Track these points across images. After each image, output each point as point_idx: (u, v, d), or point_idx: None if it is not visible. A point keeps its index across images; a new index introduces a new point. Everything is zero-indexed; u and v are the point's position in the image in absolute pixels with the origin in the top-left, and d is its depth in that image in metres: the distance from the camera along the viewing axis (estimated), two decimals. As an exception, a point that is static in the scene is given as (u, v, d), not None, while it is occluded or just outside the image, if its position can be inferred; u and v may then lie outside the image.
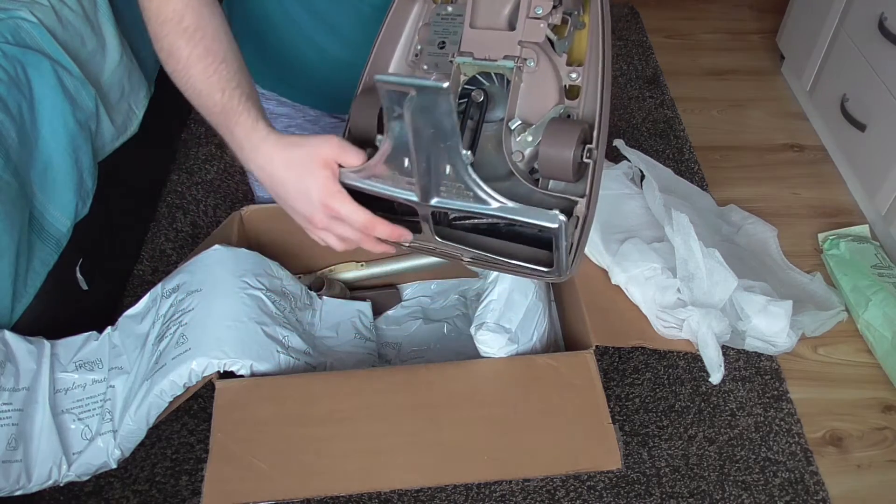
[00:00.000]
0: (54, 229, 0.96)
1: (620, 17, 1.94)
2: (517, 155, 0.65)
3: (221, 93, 0.63)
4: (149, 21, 0.64)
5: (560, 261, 0.61)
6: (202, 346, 0.69)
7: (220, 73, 0.63)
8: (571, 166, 0.59)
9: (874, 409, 1.09)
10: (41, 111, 0.94)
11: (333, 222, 0.63)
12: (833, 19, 1.45)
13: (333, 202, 0.61)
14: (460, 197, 0.59)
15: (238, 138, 0.63)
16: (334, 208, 0.61)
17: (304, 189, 0.62)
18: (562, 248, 0.59)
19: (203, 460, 0.98)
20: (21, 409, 0.73)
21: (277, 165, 0.62)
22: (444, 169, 0.58)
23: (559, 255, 0.60)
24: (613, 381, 1.09)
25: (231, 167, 1.44)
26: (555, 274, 0.63)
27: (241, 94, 0.63)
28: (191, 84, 0.64)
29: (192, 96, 0.65)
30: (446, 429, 0.68)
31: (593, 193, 0.61)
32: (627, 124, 1.59)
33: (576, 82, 0.63)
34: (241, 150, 0.64)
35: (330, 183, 0.61)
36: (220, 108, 0.63)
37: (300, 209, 0.64)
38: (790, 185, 1.46)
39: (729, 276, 0.78)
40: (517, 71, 0.63)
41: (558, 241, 0.59)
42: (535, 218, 0.58)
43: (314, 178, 0.61)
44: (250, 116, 0.63)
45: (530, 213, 0.58)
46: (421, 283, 1.07)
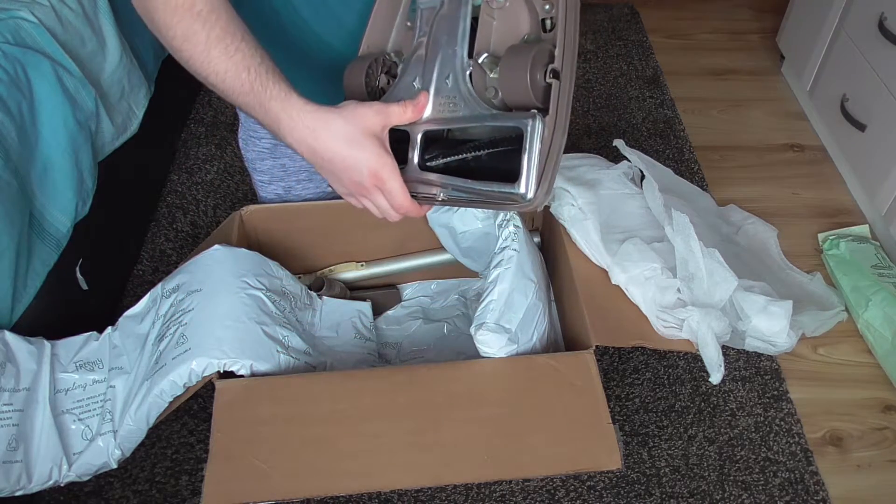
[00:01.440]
0: (54, 229, 0.96)
1: (620, 17, 1.94)
2: (490, 91, 0.66)
3: (247, 71, 0.62)
4: (155, 10, 0.61)
5: (527, 168, 0.61)
6: (202, 346, 0.69)
7: (243, 50, 0.62)
8: (529, 86, 0.60)
9: (874, 409, 1.09)
10: (41, 111, 0.94)
11: (376, 192, 0.65)
12: (833, 19, 1.45)
13: (383, 173, 0.63)
14: (452, 110, 0.65)
15: (274, 113, 0.62)
16: (382, 178, 0.63)
17: (353, 161, 0.63)
18: (533, 153, 0.60)
19: (203, 460, 0.98)
20: (21, 410, 0.73)
21: (322, 137, 0.62)
22: (446, 79, 0.66)
23: (527, 161, 0.61)
24: (613, 381, 1.09)
25: (231, 167, 1.44)
26: (520, 190, 0.62)
27: (268, 70, 0.62)
28: (212, 68, 0.62)
29: (216, 81, 0.63)
30: (446, 429, 0.68)
31: (558, 116, 0.61)
32: (627, 124, 1.59)
33: (550, 14, 0.64)
34: (279, 124, 0.63)
35: (381, 154, 0.63)
36: (249, 86, 0.62)
37: (347, 179, 0.64)
38: (790, 185, 1.46)
39: (729, 276, 0.78)
40: (485, 7, 0.66)
41: (530, 142, 0.60)
42: (511, 120, 0.62)
43: (363, 149, 0.62)
44: (282, 89, 0.62)
45: (508, 118, 0.63)
46: (421, 283, 1.07)
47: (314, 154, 0.64)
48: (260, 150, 0.94)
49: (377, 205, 0.67)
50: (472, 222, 0.86)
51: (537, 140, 0.60)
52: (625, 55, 1.80)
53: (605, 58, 1.79)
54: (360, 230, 0.97)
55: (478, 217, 0.85)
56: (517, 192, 0.62)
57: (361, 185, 0.65)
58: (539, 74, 0.60)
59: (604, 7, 1.96)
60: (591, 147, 1.53)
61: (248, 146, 0.95)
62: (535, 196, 0.62)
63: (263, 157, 0.94)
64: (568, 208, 0.86)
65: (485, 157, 0.67)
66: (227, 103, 1.59)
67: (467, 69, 0.66)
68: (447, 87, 0.67)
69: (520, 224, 0.80)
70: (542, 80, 0.61)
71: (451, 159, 0.68)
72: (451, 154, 0.68)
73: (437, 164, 0.69)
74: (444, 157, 0.68)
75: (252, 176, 0.98)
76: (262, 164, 0.95)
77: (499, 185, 0.63)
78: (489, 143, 0.67)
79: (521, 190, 0.62)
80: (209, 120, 1.56)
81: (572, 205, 0.86)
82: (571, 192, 0.86)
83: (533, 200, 0.62)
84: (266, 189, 0.97)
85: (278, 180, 0.96)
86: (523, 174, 0.61)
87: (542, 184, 0.62)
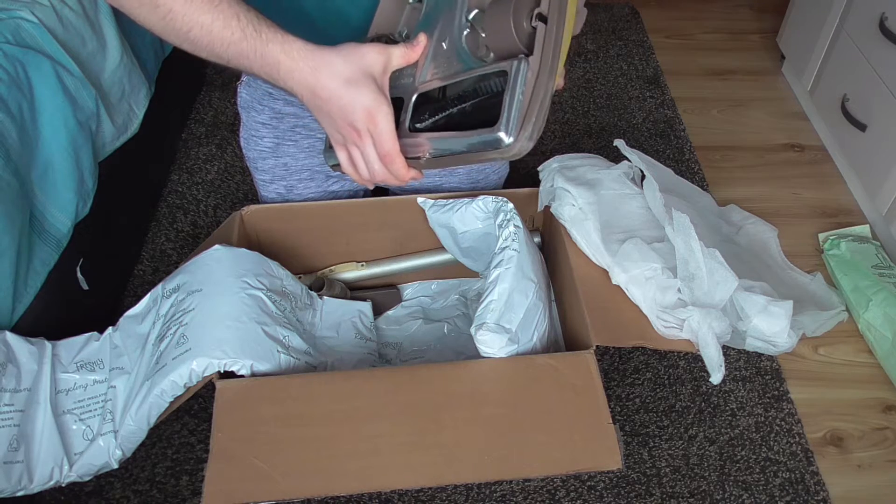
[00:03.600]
0: (55, 229, 0.96)
1: (621, 16, 1.94)
2: (482, 49, 0.65)
3: (237, 18, 0.60)
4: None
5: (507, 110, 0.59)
6: (202, 346, 0.69)
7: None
8: (513, 30, 0.59)
9: (875, 409, 1.09)
10: (42, 111, 0.94)
11: (367, 138, 0.64)
12: (834, 19, 1.45)
13: (379, 115, 0.63)
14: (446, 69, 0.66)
15: (273, 56, 0.61)
16: (376, 120, 0.63)
17: (349, 99, 0.62)
18: (515, 95, 0.59)
19: (203, 460, 0.98)
20: (22, 410, 0.73)
21: (322, 76, 0.62)
22: (443, 42, 0.66)
23: (508, 102, 0.59)
24: (614, 381, 1.09)
25: (232, 167, 1.44)
26: (499, 133, 0.60)
27: (257, 16, 0.61)
28: (197, 22, 0.59)
29: (199, 34, 0.60)
30: (446, 429, 0.68)
31: (544, 58, 0.59)
32: (628, 124, 1.59)
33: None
34: (278, 67, 0.62)
35: (379, 95, 0.63)
36: (241, 33, 0.60)
37: (341, 121, 0.64)
38: (791, 185, 1.46)
39: (729, 276, 0.78)
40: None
41: (511, 85, 0.59)
42: (497, 66, 0.61)
43: (361, 89, 0.62)
44: (278, 31, 0.61)
45: (494, 65, 0.62)
46: (421, 283, 1.07)
47: (313, 94, 0.63)
48: (262, 149, 0.94)
49: (365, 155, 0.66)
50: (472, 222, 0.86)
51: (520, 82, 0.59)
52: (625, 55, 1.80)
53: (605, 58, 1.79)
54: (361, 230, 0.97)
55: (478, 217, 0.85)
56: (496, 135, 0.60)
57: (354, 128, 0.64)
58: (525, 20, 0.59)
59: (604, 7, 1.96)
60: (591, 147, 1.53)
61: (250, 145, 0.95)
62: (516, 139, 0.60)
63: (265, 157, 0.94)
64: (568, 208, 0.86)
65: (470, 110, 0.67)
66: (227, 103, 1.60)
67: (464, 30, 0.66)
68: (443, 49, 0.67)
69: (520, 224, 0.80)
70: (529, 25, 0.60)
71: (439, 116, 0.68)
72: (438, 112, 0.68)
73: (426, 124, 0.68)
74: (432, 116, 0.68)
75: (253, 175, 0.98)
76: (263, 164, 0.95)
77: (479, 132, 0.62)
78: (473, 93, 0.66)
79: (501, 133, 0.60)
80: (209, 120, 1.56)
81: (573, 205, 0.86)
82: (572, 192, 0.86)
83: (513, 145, 0.60)
84: (268, 188, 0.97)
85: (280, 179, 0.96)
86: (502, 116, 0.59)
87: (525, 128, 0.60)
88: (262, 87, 0.90)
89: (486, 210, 0.84)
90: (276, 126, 0.92)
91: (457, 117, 0.68)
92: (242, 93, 0.93)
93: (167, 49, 1.39)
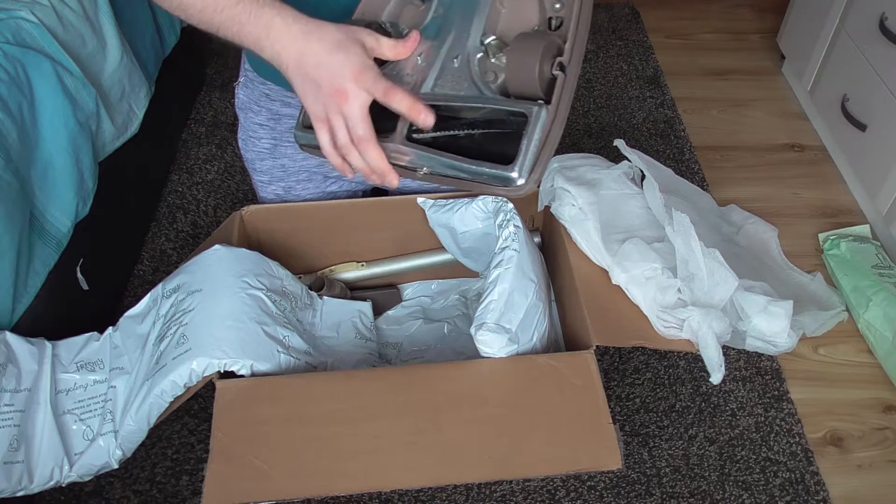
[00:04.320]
0: (55, 229, 0.96)
1: (621, 17, 1.94)
2: (490, 75, 0.66)
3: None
4: None
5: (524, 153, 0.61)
6: (203, 346, 0.69)
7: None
8: (537, 77, 0.60)
9: (875, 409, 1.09)
10: (42, 111, 0.94)
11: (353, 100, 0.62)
12: (834, 19, 1.45)
13: (368, 74, 0.61)
14: (454, 87, 0.66)
15: (266, 17, 0.61)
16: (366, 79, 0.61)
17: (339, 62, 0.61)
18: (533, 139, 0.60)
19: (203, 460, 0.98)
20: (23, 410, 0.73)
21: (312, 41, 0.61)
22: (454, 59, 0.66)
23: (526, 145, 0.61)
24: (614, 381, 1.09)
25: (232, 167, 1.45)
26: (513, 174, 0.61)
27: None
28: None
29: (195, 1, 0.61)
30: (446, 429, 0.68)
31: (559, 109, 0.61)
32: (628, 124, 1.59)
33: (559, 13, 0.64)
34: (269, 29, 0.61)
35: (368, 60, 0.62)
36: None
37: (328, 86, 0.62)
38: (791, 185, 1.46)
39: (729, 276, 0.78)
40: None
41: (532, 129, 0.60)
42: (517, 106, 0.62)
43: (351, 52, 0.61)
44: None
45: (513, 103, 0.63)
46: (421, 283, 1.07)
47: (300, 59, 0.62)
48: (259, 150, 0.94)
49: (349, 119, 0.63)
50: (472, 222, 0.86)
51: (539, 128, 0.61)
52: (625, 55, 1.80)
53: (605, 58, 1.79)
54: (361, 230, 0.97)
55: (478, 217, 0.85)
56: (510, 174, 0.62)
57: (341, 91, 0.62)
58: (547, 66, 0.61)
59: (604, 7, 1.96)
60: (591, 147, 1.53)
61: (248, 146, 0.95)
62: (526, 182, 0.62)
63: (263, 158, 0.94)
64: (568, 208, 0.86)
65: (477, 138, 0.67)
66: (227, 103, 1.60)
67: (478, 52, 0.66)
68: (453, 66, 0.67)
69: (520, 224, 0.80)
70: (549, 71, 0.61)
71: (442, 134, 0.68)
72: (443, 129, 0.68)
73: (426, 137, 0.68)
74: (436, 132, 0.68)
75: (252, 176, 0.98)
76: (261, 165, 0.95)
77: (491, 166, 0.63)
78: (485, 124, 0.67)
79: (515, 174, 0.61)
80: (209, 120, 1.56)
81: (573, 205, 0.86)
82: (572, 192, 0.86)
83: (522, 186, 0.62)
84: (266, 189, 0.97)
85: (278, 180, 0.96)
86: (520, 158, 0.61)
87: (535, 172, 0.62)
88: (260, 89, 0.89)
89: (486, 210, 0.84)
90: (274, 127, 0.91)
91: (463, 141, 0.68)
92: (240, 94, 0.93)
93: (167, 49, 1.39)
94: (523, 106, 0.62)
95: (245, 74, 0.91)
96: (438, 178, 0.68)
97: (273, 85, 0.88)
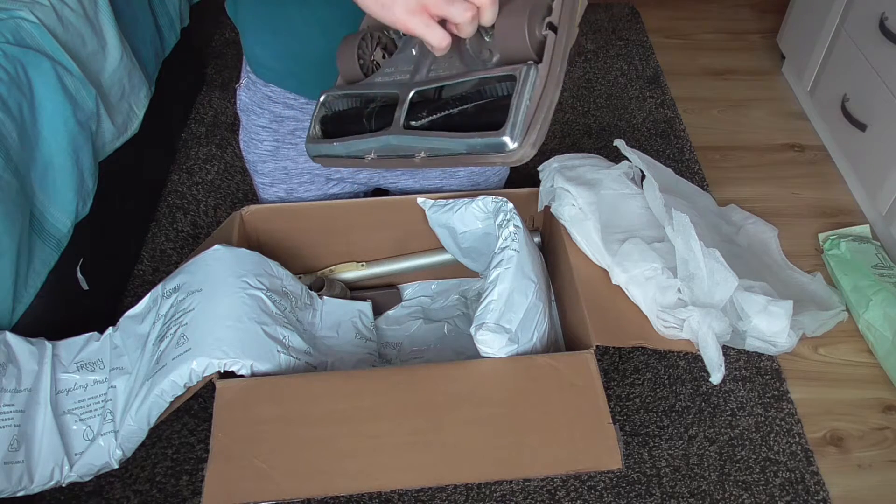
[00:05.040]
0: (55, 229, 0.96)
1: (621, 16, 1.94)
2: (485, 53, 0.65)
3: None
4: None
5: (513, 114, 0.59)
6: (203, 346, 0.69)
7: None
8: (527, 38, 0.58)
9: (875, 409, 1.09)
10: (42, 111, 0.94)
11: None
12: (834, 19, 1.45)
13: None
14: (448, 69, 0.65)
15: None
16: None
17: None
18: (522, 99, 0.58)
19: (203, 460, 0.98)
20: (23, 411, 0.73)
21: None
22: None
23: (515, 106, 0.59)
24: (614, 381, 1.09)
25: (232, 167, 1.45)
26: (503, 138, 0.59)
27: None
28: None
29: None
30: (446, 429, 0.68)
31: (552, 67, 0.59)
32: (628, 124, 1.59)
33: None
34: None
35: None
36: None
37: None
38: (791, 185, 1.46)
39: (729, 276, 0.78)
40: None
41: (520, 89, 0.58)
42: (504, 70, 0.61)
43: None
44: None
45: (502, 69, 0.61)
46: (421, 283, 1.07)
47: None
48: (261, 152, 0.94)
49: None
50: (472, 222, 0.86)
51: (528, 87, 0.59)
52: (625, 55, 1.80)
53: (605, 58, 1.79)
54: (361, 230, 0.97)
55: (478, 217, 0.85)
56: (500, 139, 0.59)
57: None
58: (537, 27, 0.59)
59: (604, 7, 1.96)
60: (591, 147, 1.53)
61: (250, 148, 0.95)
62: (520, 145, 0.59)
63: (265, 160, 0.94)
64: (568, 208, 0.86)
65: (472, 112, 0.66)
66: (227, 103, 1.60)
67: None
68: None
69: (520, 224, 0.80)
70: (539, 32, 0.60)
71: (437, 116, 0.67)
72: (436, 111, 0.67)
73: (422, 123, 0.67)
74: (430, 115, 0.67)
75: (253, 178, 0.98)
76: (263, 167, 0.95)
77: (482, 135, 0.61)
78: (476, 95, 0.66)
79: (506, 137, 0.59)
80: (210, 120, 1.56)
81: (573, 205, 0.86)
82: (572, 192, 0.86)
83: (516, 151, 0.59)
84: (268, 191, 0.97)
85: (280, 182, 0.96)
86: (509, 120, 0.59)
87: (530, 135, 0.59)
88: (262, 91, 0.90)
89: (485, 210, 0.84)
90: (276, 129, 0.91)
91: (457, 118, 0.67)
92: (242, 95, 0.93)
93: (167, 49, 1.39)
94: (512, 69, 0.60)
95: (247, 76, 0.91)
96: (436, 160, 0.66)
97: (275, 87, 0.88)
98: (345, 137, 0.71)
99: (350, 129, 0.71)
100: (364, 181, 0.99)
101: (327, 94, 0.73)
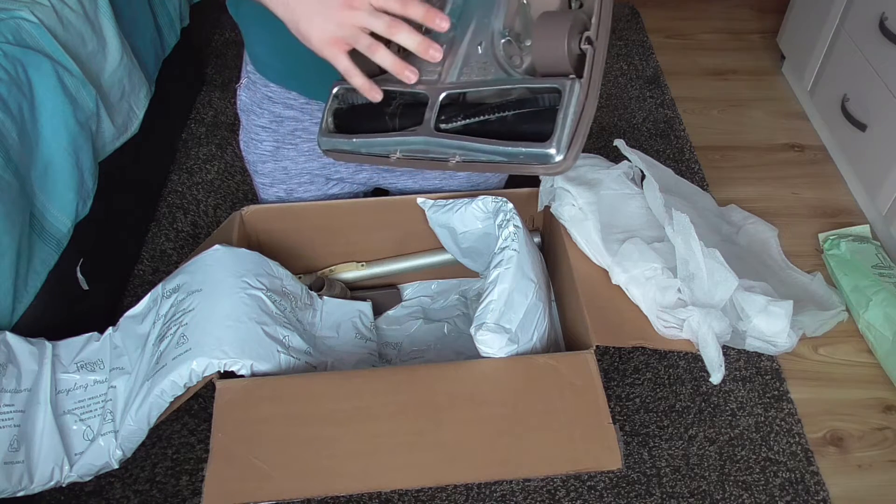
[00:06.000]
0: (55, 229, 0.96)
1: (621, 17, 1.94)
2: (516, 59, 0.66)
3: None
4: None
5: (560, 128, 0.60)
6: (203, 346, 0.69)
7: None
8: (566, 52, 0.60)
9: (875, 409, 1.09)
10: (42, 111, 0.94)
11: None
12: (834, 19, 1.45)
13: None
14: (480, 73, 0.66)
15: None
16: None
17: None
18: (569, 114, 0.60)
19: (203, 460, 0.98)
20: (23, 411, 0.73)
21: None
22: (478, 45, 0.66)
23: (562, 120, 0.60)
24: (614, 381, 1.09)
25: (232, 167, 1.45)
26: (551, 150, 0.61)
27: None
28: None
29: None
30: (446, 429, 0.68)
31: (592, 83, 0.61)
32: (628, 124, 1.59)
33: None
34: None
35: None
36: None
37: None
38: (791, 185, 1.46)
39: (729, 276, 0.78)
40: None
41: (566, 103, 0.60)
42: (548, 83, 0.62)
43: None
44: None
45: (543, 81, 0.62)
46: (421, 283, 1.07)
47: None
48: (261, 152, 0.94)
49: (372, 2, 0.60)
50: (472, 222, 0.86)
51: (574, 102, 0.60)
52: (625, 55, 1.80)
53: (605, 58, 1.79)
54: (361, 230, 0.97)
55: (478, 217, 0.85)
56: (548, 151, 0.61)
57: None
58: (574, 41, 0.60)
59: (604, 7, 1.96)
60: (591, 147, 1.53)
61: (250, 149, 0.94)
62: (564, 158, 0.61)
63: (265, 160, 0.94)
64: (568, 208, 0.86)
65: (509, 119, 0.66)
66: (227, 103, 1.60)
67: (502, 38, 0.66)
68: (478, 53, 0.67)
69: (520, 224, 0.80)
70: (577, 47, 0.61)
71: (472, 120, 0.67)
72: (472, 115, 0.67)
73: (454, 126, 0.68)
74: (465, 119, 0.67)
75: (253, 178, 0.98)
76: (263, 167, 0.95)
77: (527, 145, 0.62)
78: (517, 104, 0.66)
79: (553, 150, 0.60)
80: (209, 120, 1.56)
81: (573, 205, 0.86)
82: (572, 192, 0.86)
83: (561, 163, 0.61)
84: (268, 192, 0.97)
85: (280, 183, 0.96)
86: (556, 134, 0.60)
87: (573, 148, 0.61)
88: (262, 91, 0.89)
89: (485, 210, 0.84)
90: (276, 130, 0.91)
91: (494, 125, 0.67)
92: (242, 95, 0.93)
93: (167, 49, 1.39)
94: (556, 81, 0.61)
95: (247, 76, 0.91)
96: (472, 165, 0.67)
97: (276, 87, 0.88)
98: (367, 135, 0.71)
99: (370, 125, 0.71)
100: (364, 181, 0.99)
101: (340, 86, 0.73)
